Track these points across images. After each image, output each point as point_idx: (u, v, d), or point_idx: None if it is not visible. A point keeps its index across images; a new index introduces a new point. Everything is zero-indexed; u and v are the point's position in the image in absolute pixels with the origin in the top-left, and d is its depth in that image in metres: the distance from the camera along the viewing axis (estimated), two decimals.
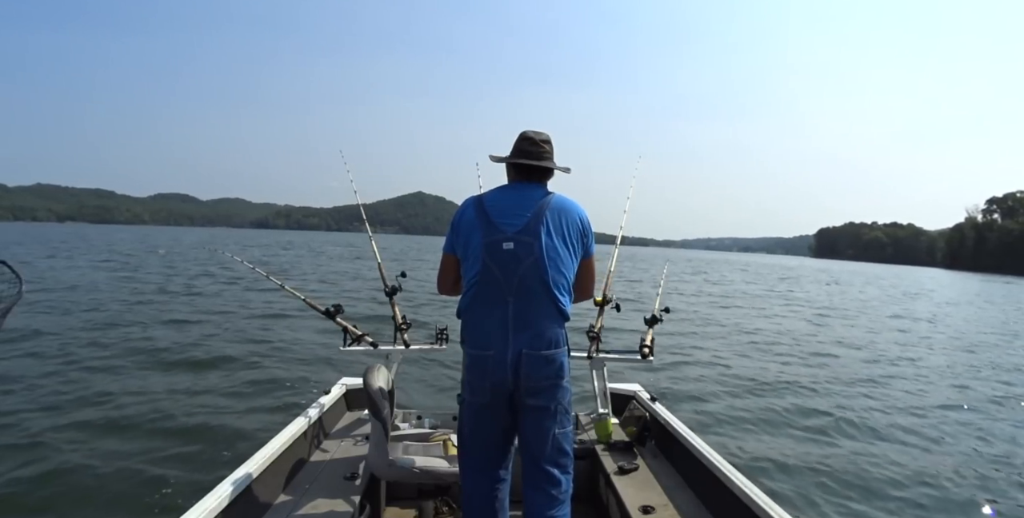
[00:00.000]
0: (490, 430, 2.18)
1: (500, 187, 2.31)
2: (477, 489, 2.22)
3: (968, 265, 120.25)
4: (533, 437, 2.15)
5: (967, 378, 10.10)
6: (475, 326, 2.15)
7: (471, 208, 2.22)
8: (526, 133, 2.30)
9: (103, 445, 5.21)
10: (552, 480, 2.16)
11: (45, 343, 9.05)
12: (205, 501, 2.16)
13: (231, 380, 7.62)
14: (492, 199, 2.22)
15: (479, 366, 2.12)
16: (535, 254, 2.09)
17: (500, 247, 2.10)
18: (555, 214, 2.16)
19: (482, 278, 2.11)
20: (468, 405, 2.19)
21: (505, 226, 2.12)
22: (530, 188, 2.25)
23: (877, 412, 7.37)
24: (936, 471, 5.42)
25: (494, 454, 2.21)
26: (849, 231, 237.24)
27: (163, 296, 15.78)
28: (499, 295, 2.10)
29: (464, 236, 2.19)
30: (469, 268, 2.17)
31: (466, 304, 2.18)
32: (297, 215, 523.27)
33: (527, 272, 2.08)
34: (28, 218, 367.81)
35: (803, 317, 18.42)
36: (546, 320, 2.11)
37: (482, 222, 2.15)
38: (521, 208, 2.16)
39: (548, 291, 2.10)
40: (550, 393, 2.12)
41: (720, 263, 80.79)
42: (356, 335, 3.72)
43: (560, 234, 2.15)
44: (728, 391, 8.03)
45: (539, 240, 2.10)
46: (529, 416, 2.13)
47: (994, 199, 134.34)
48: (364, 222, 4.41)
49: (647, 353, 3.52)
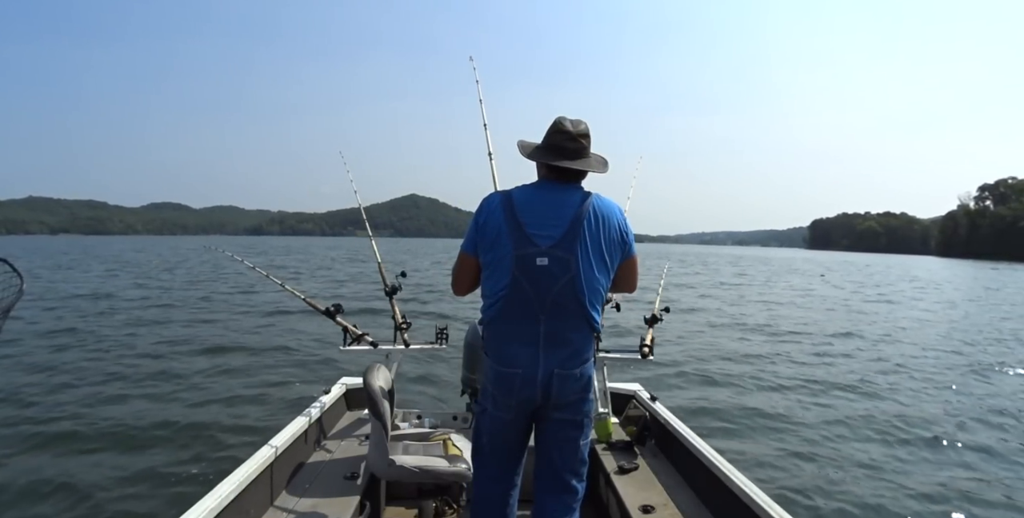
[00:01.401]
0: (510, 442, 2.12)
1: (532, 185, 2.08)
2: (490, 495, 2.17)
3: (961, 252, 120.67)
4: (555, 448, 2.08)
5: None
6: (501, 341, 2.01)
7: (499, 210, 1.99)
8: (562, 124, 2.03)
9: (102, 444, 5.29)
10: (569, 489, 2.11)
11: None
12: (205, 501, 2.15)
13: (231, 380, 7.65)
14: (523, 200, 2.00)
15: (506, 383, 2.00)
16: (572, 272, 1.92)
17: (533, 262, 1.91)
18: (593, 223, 1.97)
19: (511, 293, 1.95)
20: (490, 416, 2.09)
21: (539, 238, 1.93)
22: (566, 190, 2.03)
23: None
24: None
25: (509, 462, 2.16)
26: (843, 222, 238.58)
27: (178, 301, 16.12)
28: (530, 312, 1.94)
29: (490, 241, 1.99)
30: (496, 278, 1.99)
31: (492, 317, 2.02)
32: (291, 221, 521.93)
33: (562, 290, 1.93)
34: (21, 231, 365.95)
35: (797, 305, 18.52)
36: (579, 337, 1.99)
37: (512, 229, 1.95)
38: (557, 216, 1.96)
39: (583, 309, 1.96)
40: (577, 406, 2.04)
41: (710, 257, 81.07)
42: (356, 334, 3.71)
43: (598, 246, 1.97)
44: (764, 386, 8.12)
45: (576, 256, 1.92)
46: (553, 427, 2.06)
47: (986, 186, 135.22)
48: (365, 222, 4.40)
49: (647, 352, 3.52)
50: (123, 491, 4.42)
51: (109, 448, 5.22)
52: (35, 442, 5.30)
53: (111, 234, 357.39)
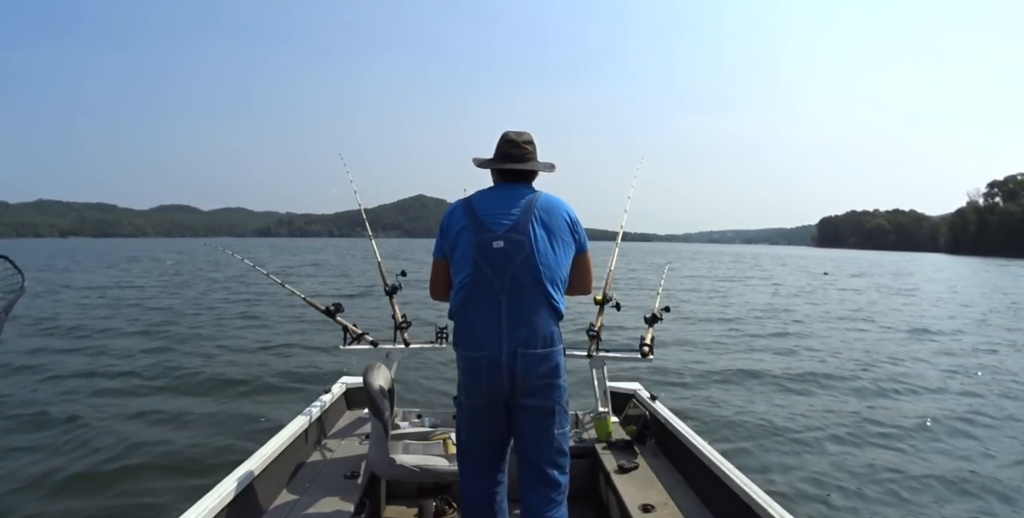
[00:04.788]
0: (487, 433, 2.17)
1: (488, 189, 2.29)
2: (477, 494, 2.21)
3: (971, 250, 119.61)
4: (530, 438, 2.13)
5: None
6: (467, 327, 2.12)
7: (459, 211, 2.20)
8: (508, 135, 2.27)
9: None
10: (550, 482, 2.14)
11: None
12: (205, 500, 2.17)
13: (230, 380, 7.70)
14: (480, 200, 2.21)
15: (473, 368, 2.09)
16: (526, 251, 2.07)
17: (491, 246, 2.08)
18: (543, 212, 2.15)
19: (473, 278, 2.09)
20: (464, 408, 2.18)
21: (495, 225, 2.11)
22: (516, 188, 2.24)
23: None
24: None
25: (492, 457, 2.20)
26: (851, 219, 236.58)
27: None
28: (491, 294, 2.08)
29: (453, 238, 2.18)
30: (460, 270, 2.15)
31: (457, 305, 2.15)
32: (299, 222, 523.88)
33: (519, 269, 2.07)
34: (31, 234, 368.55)
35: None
36: (540, 318, 2.09)
37: (472, 223, 2.13)
38: (510, 207, 2.15)
39: (542, 288, 2.09)
40: (546, 392, 2.10)
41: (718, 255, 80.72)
42: (356, 334, 3.72)
43: (550, 231, 2.13)
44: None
45: (529, 237, 2.08)
46: (525, 416, 2.12)
47: (995, 182, 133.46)
48: (365, 223, 4.42)
49: (647, 352, 3.51)
50: (123, 487, 4.48)
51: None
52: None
53: (120, 237, 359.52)
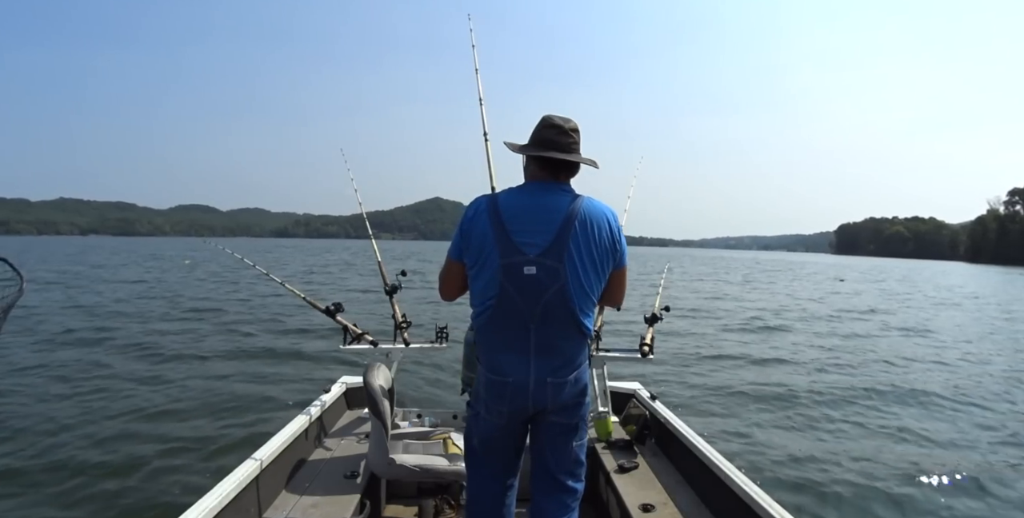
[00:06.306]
0: (503, 445, 2.08)
1: (518, 188, 2.01)
2: (485, 494, 2.12)
3: (991, 258, 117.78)
4: (551, 450, 2.04)
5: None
6: (492, 350, 1.97)
7: (484, 215, 1.93)
8: (552, 119, 1.98)
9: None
10: (566, 489, 2.06)
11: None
12: (205, 500, 2.18)
13: (230, 380, 7.77)
14: (508, 205, 1.93)
15: (497, 391, 1.95)
16: (561, 280, 1.86)
17: (520, 271, 1.85)
18: (583, 227, 1.89)
19: (500, 303, 1.90)
20: (482, 420, 2.04)
21: (526, 246, 1.86)
22: (554, 192, 1.96)
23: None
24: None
25: (506, 464, 2.11)
26: (869, 226, 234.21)
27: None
28: (519, 322, 1.89)
29: (476, 248, 1.93)
30: (483, 286, 1.94)
31: (481, 325, 1.97)
32: (316, 223, 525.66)
33: (552, 299, 1.87)
34: (52, 232, 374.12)
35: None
36: (571, 345, 1.94)
37: (498, 236, 1.88)
38: (544, 221, 1.89)
39: (574, 318, 1.91)
40: (573, 411, 2.00)
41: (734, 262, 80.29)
42: (356, 333, 3.74)
43: (589, 253, 1.90)
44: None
45: (564, 265, 1.86)
46: (548, 430, 2.02)
47: (1016, 190, 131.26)
48: (366, 223, 4.44)
49: (647, 352, 3.51)
50: (123, 483, 4.53)
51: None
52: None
53: (139, 235, 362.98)
